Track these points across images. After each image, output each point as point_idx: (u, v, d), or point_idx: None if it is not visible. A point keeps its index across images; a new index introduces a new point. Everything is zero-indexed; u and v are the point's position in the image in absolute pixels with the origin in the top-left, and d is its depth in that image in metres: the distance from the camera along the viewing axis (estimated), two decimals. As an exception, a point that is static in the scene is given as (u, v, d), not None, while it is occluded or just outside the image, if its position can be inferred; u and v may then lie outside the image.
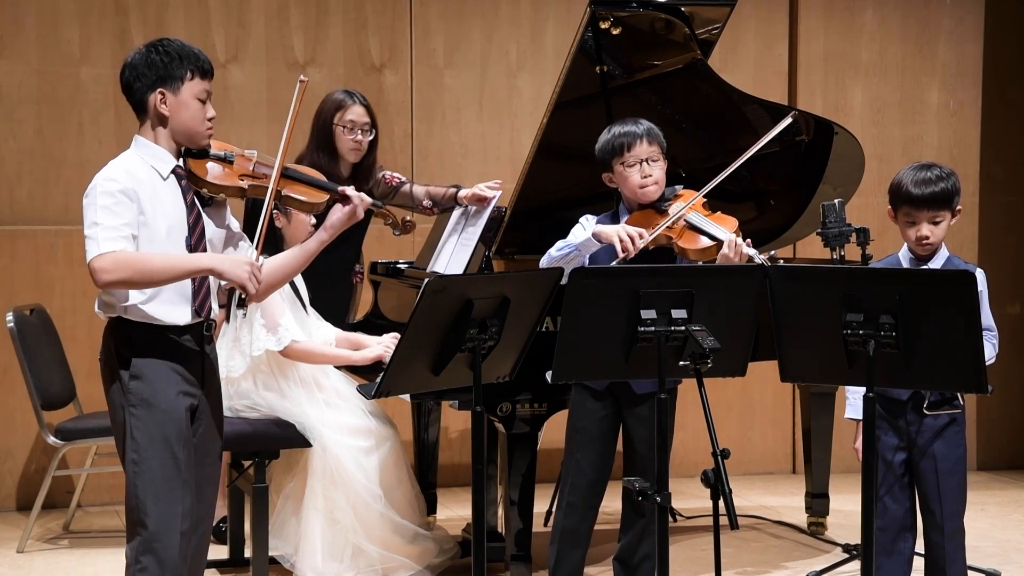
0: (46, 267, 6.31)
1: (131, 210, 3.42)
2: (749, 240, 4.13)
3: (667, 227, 4.16)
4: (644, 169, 4.22)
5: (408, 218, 3.98)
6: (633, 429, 4.24)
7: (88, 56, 6.35)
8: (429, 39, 6.76)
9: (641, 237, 4.07)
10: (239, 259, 3.49)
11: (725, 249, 4.06)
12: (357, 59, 6.68)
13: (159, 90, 3.50)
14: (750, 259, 4.04)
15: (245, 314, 3.57)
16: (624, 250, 4.04)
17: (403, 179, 5.40)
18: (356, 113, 5.24)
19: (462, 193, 5.20)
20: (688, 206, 4.20)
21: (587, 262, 4.17)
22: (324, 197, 3.66)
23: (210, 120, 3.56)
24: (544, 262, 4.26)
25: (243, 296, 3.47)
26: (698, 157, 5.51)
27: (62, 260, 6.24)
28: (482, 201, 5.10)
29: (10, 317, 5.53)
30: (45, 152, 6.35)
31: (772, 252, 4.11)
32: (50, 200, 6.34)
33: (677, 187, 4.34)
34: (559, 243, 4.23)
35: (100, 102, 6.37)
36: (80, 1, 6.34)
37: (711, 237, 4.14)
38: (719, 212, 4.29)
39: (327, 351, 4.92)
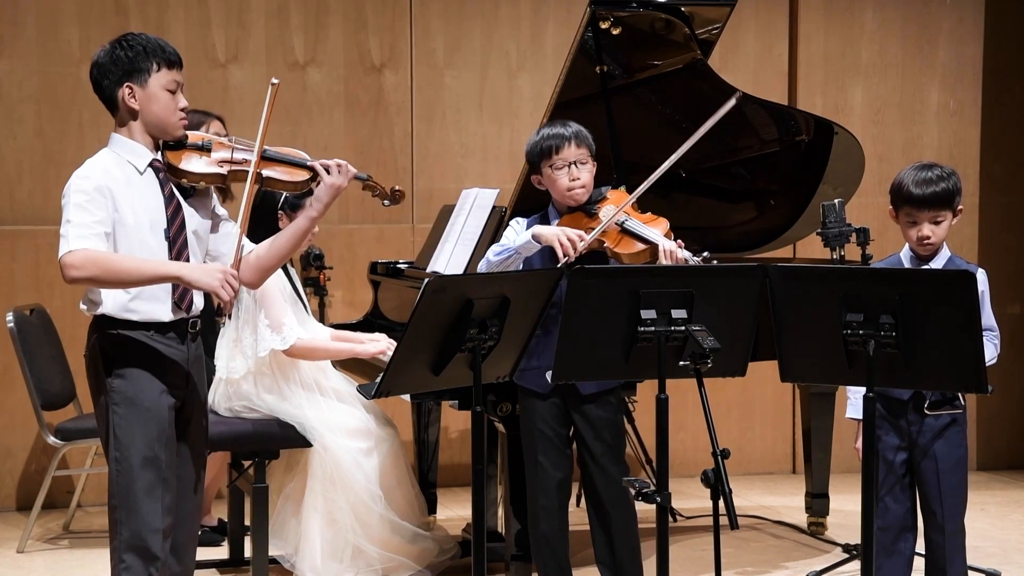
0: (46, 267, 6.30)
1: (104, 208, 3.43)
2: (681, 242, 4.14)
3: (602, 231, 4.15)
4: (572, 172, 4.23)
5: (396, 188, 3.97)
6: (582, 428, 4.26)
7: (88, 56, 6.24)
8: (429, 39, 6.76)
9: (581, 239, 4.08)
10: (210, 268, 3.47)
11: (661, 257, 4.07)
12: (357, 59, 6.69)
13: (126, 84, 3.52)
14: (685, 262, 4.07)
15: (224, 324, 3.54)
16: (565, 254, 4.04)
17: None
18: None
19: None
20: (621, 209, 4.19)
21: (522, 266, 4.18)
22: (306, 175, 3.66)
23: (182, 110, 3.56)
24: (483, 267, 4.26)
25: (219, 304, 3.45)
26: (698, 157, 5.50)
27: (62, 260, 6.23)
28: None
29: (10, 317, 5.53)
30: (45, 152, 6.35)
31: (705, 253, 4.11)
32: (50, 200, 6.33)
33: (604, 188, 4.33)
34: (495, 247, 4.24)
35: (100, 102, 6.35)
36: (80, 1, 6.35)
37: (644, 240, 4.14)
38: (649, 213, 4.29)
39: (330, 346, 4.93)
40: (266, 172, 3.60)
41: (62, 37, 6.34)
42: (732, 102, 4.36)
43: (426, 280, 3.38)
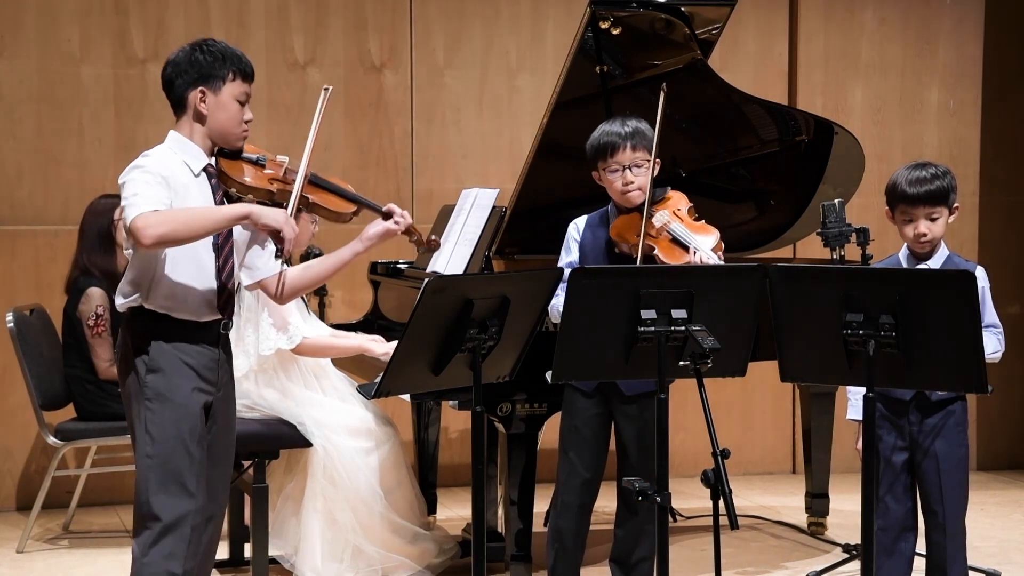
0: (46, 267, 6.31)
1: (167, 192, 3.44)
2: (722, 254, 4.12)
3: (651, 237, 4.14)
4: (626, 176, 4.18)
5: (433, 236, 3.99)
6: (623, 428, 4.24)
7: (88, 56, 6.35)
8: (429, 39, 6.76)
9: None
10: (274, 209, 3.51)
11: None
12: (357, 59, 6.69)
13: (200, 88, 3.53)
14: None
15: (286, 262, 3.59)
16: None
17: None
18: None
19: None
20: (667, 212, 4.16)
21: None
22: (350, 208, 3.72)
23: (247, 123, 3.59)
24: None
25: (280, 247, 3.49)
26: (698, 157, 5.51)
27: (62, 260, 6.22)
28: None
29: (10, 317, 5.53)
30: (45, 152, 6.35)
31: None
32: (50, 200, 6.34)
33: (665, 189, 4.30)
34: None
35: (100, 102, 6.37)
36: (80, 1, 6.34)
37: (687, 249, 4.12)
38: (703, 221, 4.27)
39: (336, 342, 4.95)
40: (312, 197, 3.64)
41: (62, 37, 6.34)
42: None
43: (426, 280, 3.38)
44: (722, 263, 4.07)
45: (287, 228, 3.46)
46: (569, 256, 4.30)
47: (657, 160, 4.23)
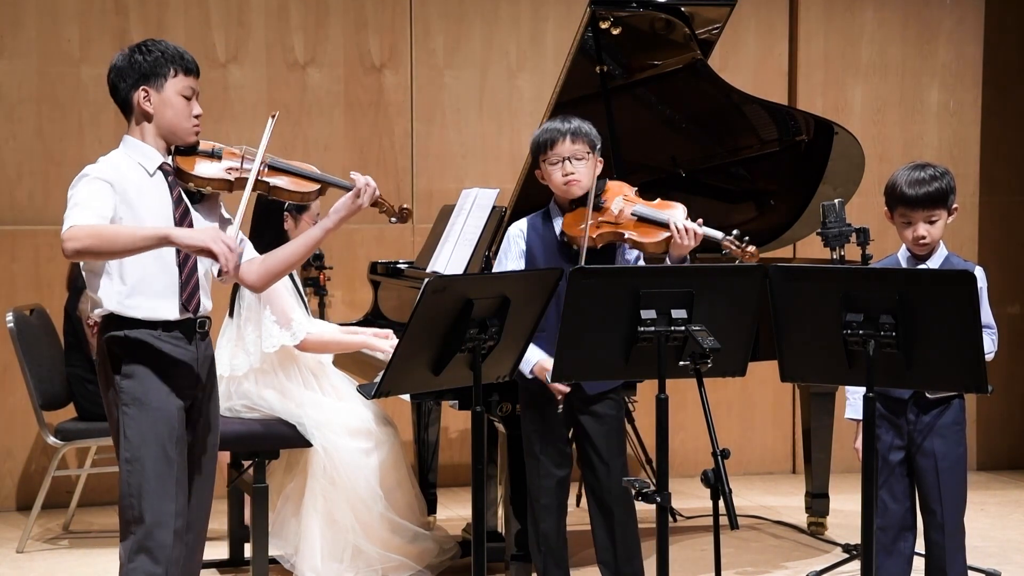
0: (46, 267, 6.31)
1: (111, 199, 3.43)
2: (700, 220, 4.14)
3: (613, 224, 4.16)
4: (566, 167, 4.21)
5: (405, 206, 3.99)
6: (588, 427, 4.25)
7: (88, 56, 6.35)
8: (429, 39, 6.76)
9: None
10: (200, 228, 3.47)
11: (675, 237, 4.07)
12: (357, 59, 6.69)
13: (142, 88, 3.55)
14: (705, 237, 4.05)
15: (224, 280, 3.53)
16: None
17: None
18: None
19: None
20: (623, 199, 4.19)
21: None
22: (314, 187, 3.69)
23: (196, 117, 3.60)
24: None
25: (220, 269, 3.40)
26: (698, 157, 5.51)
27: (62, 260, 6.13)
28: None
29: (10, 317, 5.53)
30: (45, 152, 6.35)
31: (735, 231, 4.09)
32: (50, 200, 6.34)
33: (602, 181, 4.30)
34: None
35: (100, 102, 6.35)
36: (80, 1, 6.35)
37: (661, 224, 4.14)
38: (659, 200, 4.28)
39: (342, 337, 4.94)
40: (273, 181, 3.63)
41: (62, 37, 6.34)
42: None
43: (426, 280, 3.38)
44: (706, 228, 4.08)
45: (215, 246, 3.33)
46: (508, 263, 4.30)
47: (600, 159, 4.25)
